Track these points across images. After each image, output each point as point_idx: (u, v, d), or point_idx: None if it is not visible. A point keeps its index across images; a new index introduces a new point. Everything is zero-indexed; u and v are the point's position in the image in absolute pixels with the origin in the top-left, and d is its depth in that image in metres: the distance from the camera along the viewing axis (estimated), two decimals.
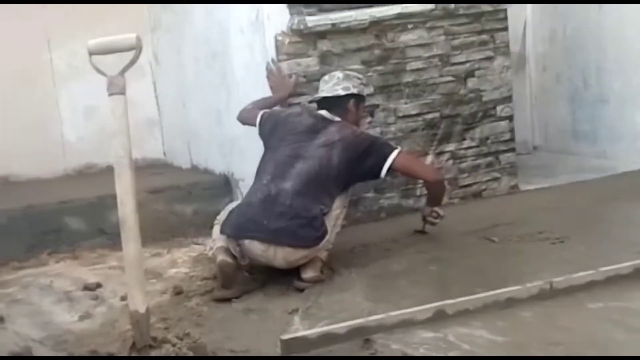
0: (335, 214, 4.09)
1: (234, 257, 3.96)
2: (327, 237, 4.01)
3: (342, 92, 4.30)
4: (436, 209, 4.48)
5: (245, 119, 4.59)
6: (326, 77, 4.43)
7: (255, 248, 3.93)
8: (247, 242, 3.93)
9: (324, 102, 4.34)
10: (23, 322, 3.80)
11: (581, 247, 4.20)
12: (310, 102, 4.60)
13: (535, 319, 3.31)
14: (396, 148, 4.21)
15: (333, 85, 4.34)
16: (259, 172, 4.18)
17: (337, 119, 4.25)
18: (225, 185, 5.41)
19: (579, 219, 4.73)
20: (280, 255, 3.93)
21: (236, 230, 3.98)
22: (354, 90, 4.33)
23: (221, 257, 3.95)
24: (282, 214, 3.93)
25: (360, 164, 4.11)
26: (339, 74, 4.41)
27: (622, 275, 3.61)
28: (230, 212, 4.14)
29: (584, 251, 4.13)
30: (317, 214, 3.96)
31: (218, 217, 4.30)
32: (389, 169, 4.14)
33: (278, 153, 4.15)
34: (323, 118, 4.26)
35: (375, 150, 4.15)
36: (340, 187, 4.13)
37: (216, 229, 4.22)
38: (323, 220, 3.99)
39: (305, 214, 3.93)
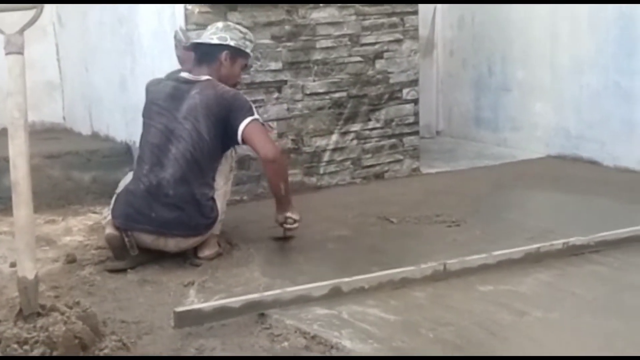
0: (223, 191, 4.02)
1: None
2: (219, 218, 3.96)
3: (215, 41, 4.02)
4: (288, 214, 4.09)
5: None
6: (208, 27, 4.20)
7: (145, 239, 3.85)
8: (136, 233, 3.84)
9: (198, 52, 4.05)
10: None
11: (476, 231, 4.30)
12: (185, 48, 4.21)
13: (427, 300, 3.37)
14: (252, 115, 3.92)
15: (210, 34, 4.08)
16: (139, 157, 4.03)
17: (204, 77, 3.98)
18: (126, 153, 5.31)
19: (476, 204, 4.84)
20: (172, 244, 3.87)
21: (124, 221, 3.85)
22: (231, 43, 4.01)
23: (108, 229, 3.87)
24: (167, 205, 3.82)
25: (224, 127, 3.90)
26: (219, 24, 4.14)
27: (513, 259, 3.71)
28: (117, 196, 4.00)
29: (478, 235, 4.23)
30: (204, 201, 3.87)
31: (119, 185, 4.21)
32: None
33: (150, 134, 3.97)
34: (186, 81, 4.00)
35: (234, 113, 3.90)
36: (219, 157, 3.98)
37: (115, 197, 4.14)
38: (212, 205, 3.91)
39: (191, 201, 3.84)
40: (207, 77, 4.00)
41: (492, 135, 6.56)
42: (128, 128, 5.35)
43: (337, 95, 5.24)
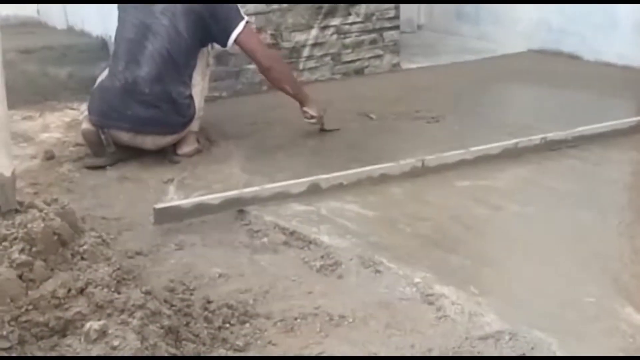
0: (200, 88, 3.97)
1: None
2: (197, 115, 3.93)
3: None
4: (305, 109, 4.12)
5: None
6: None
7: (122, 136, 3.82)
8: (112, 131, 3.81)
9: None
10: None
11: (455, 127, 4.31)
12: None
13: (405, 195, 3.40)
14: (243, 18, 3.90)
15: None
16: (114, 52, 3.96)
17: None
18: (102, 49, 5.23)
19: (455, 100, 4.84)
20: (149, 141, 3.85)
21: (100, 118, 3.81)
22: None
23: (85, 124, 3.85)
24: (143, 103, 3.78)
25: (206, 27, 3.85)
26: None
27: (490, 155, 3.73)
28: (93, 92, 3.94)
29: (457, 131, 4.25)
30: (180, 100, 3.83)
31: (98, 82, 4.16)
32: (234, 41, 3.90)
33: (126, 29, 3.89)
34: None
35: (223, 15, 3.85)
36: (195, 55, 3.93)
37: None
38: (189, 103, 3.88)
39: (168, 99, 3.80)
40: None
41: (474, 29, 6.49)
42: (104, 23, 5.24)
43: None
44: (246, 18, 3.94)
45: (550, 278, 2.68)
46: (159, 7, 3.83)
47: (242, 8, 3.98)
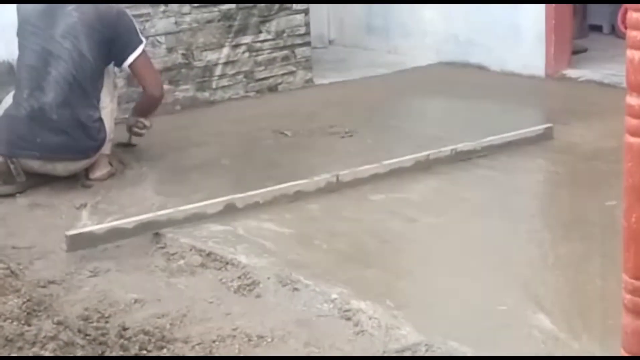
0: (110, 109, 3.93)
1: None
2: (108, 138, 3.88)
3: None
4: (142, 119, 4.10)
5: None
6: None
7: (32, 164, 3.74)
8: (22, 160, 3.73)
9: None
10: None
11: (368, 141, 4.36)
12: None
13: (322, 211, 3.43)
14: (140, 41, 3.91)
15: None
16: (17, 81, 3.88)
17: None
18: (8, 73, 5.07)
19: (368, 113, 4.89)
20: (60, 168, 3.78)
21: (8, 148, 3.74)
22: None
23: None
24: (52, 129, 3.71)
25: (108, 47, 3.81)
26: None
27: (403, 168, 3.79)
28: None
29: (370, 145, 4.30)
30: (90, 124, 3.78)
31: (1, 106, 4.06)
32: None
33: (26, 56, 3.83)
34: None
35: (121, 35, 3.84)
36: (101, 77, 3.88)
37: None
38: (99, 126, 3.82)
39: (77, 124, 3.74)
40: None
41: (384, 43, 6.58)
42: (8, 47, 5.11)
43: (225, 7, 5.14)
44: (143, 41, 3.95)
45: (464, 288, 2.74)
46: (59, 30, 3.76)
47: (152, 28, 3.96)
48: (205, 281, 2.87)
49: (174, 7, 4.91)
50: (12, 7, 4.74)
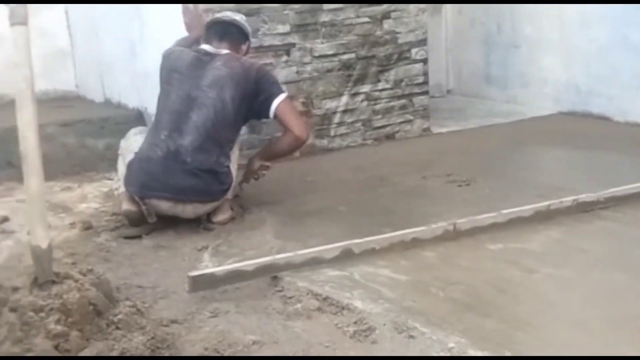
0: (235, 156, 4.07)
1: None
2: (233, 184, 4.01)
3: (238, 18, 4.15)
4: (267, 163, 4.21)
5: None
6: (217, 14, 4.26)
7: (162, 206, 3.87)
8: (154, 201, 3.86)
9: (220, 28, 4.12)
10: None
11: (486, 190, 4.33)
12: (208, 25, 4.21)
13: (438, 259, 3.41)
14: (282, 91, 4.09)
15: (232, 15, 4.19)
16: (156, 122, 4.05)
17: (224, 51, 4.07)
18: (138, 120, 5.34)
19: (486, 162, 4.86)
20: (189, 210, 3.91)
21: (140, 189, 3.87)
22: (246, 25, 4.19)
23: (125, 206, 3.90)
24: (185, 172, 3.84)
25: (253, 99, 4.00)
26: (228, 12, 4.25)
27: (522, 217, 3.74)
28: (129, 164, 3.98)
29: (488, 194, 4.26)
30: (221, 169, 3.91)
31: (121, 145, 4.26)
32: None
33: (170, 100, 4.00)
34: (207, 53, 4.05)
35: (266, 86, 4.02)
36: (239, 129, 4.09)
37: (120, 160, 4.20)
38: (228, 171, 3.96)
39: (209, 170, 3.87)
40: (227, 50, 4.07)
41: (502, 93, 6.55)
42: (139, 94, 5.38)
43: (345, 56, 5.25)
44: (286, 92, 4.10)
45: (585, 341, 2.66)
46: (206, 81, 3.95)
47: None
48: (322, 325, 2.89)
49: (295, 56, 5.05)
50: (145, 59, 5.01)
